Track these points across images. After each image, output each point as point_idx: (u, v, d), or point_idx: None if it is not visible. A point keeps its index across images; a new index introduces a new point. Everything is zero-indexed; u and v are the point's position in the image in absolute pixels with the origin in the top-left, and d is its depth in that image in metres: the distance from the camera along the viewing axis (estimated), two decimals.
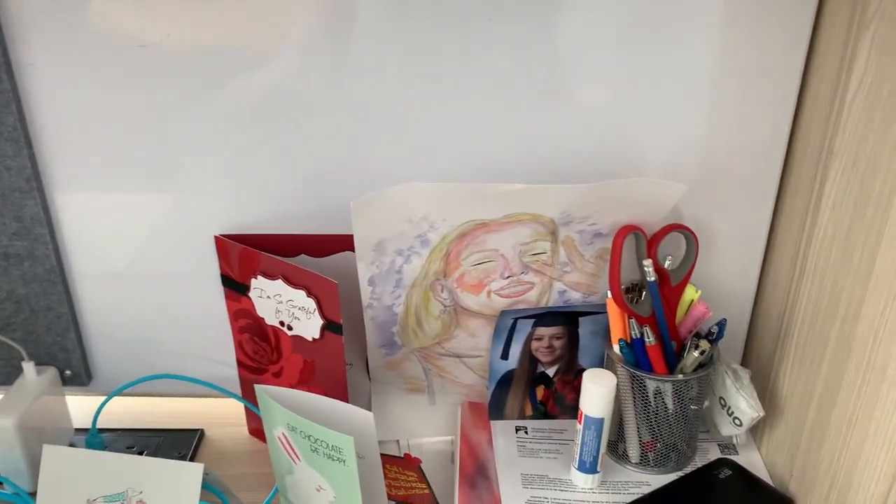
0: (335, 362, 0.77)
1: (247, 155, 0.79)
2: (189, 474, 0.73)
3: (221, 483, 0.80)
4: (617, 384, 0.75)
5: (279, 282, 0.77)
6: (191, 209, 0.82)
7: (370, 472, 0.74)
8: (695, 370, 0.77)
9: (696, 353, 0.75)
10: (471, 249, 0.76)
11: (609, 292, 0.77)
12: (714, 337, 0.75)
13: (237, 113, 0.77)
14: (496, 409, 0.88)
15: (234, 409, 0.95)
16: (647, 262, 0.74)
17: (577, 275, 0.80)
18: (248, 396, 0.89)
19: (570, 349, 0.85)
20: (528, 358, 0.86)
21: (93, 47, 0.75)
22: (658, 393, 0.78)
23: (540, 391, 0.88)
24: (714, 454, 0.83)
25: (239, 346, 0.86)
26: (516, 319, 0.82)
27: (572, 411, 0.88)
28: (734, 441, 0.83)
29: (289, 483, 0.78)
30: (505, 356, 0.86)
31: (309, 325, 0.77)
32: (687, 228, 0.77)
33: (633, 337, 0.76)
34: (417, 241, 0.74)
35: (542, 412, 0.88)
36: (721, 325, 0.75)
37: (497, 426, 0.87)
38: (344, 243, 0.80)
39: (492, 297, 0.81)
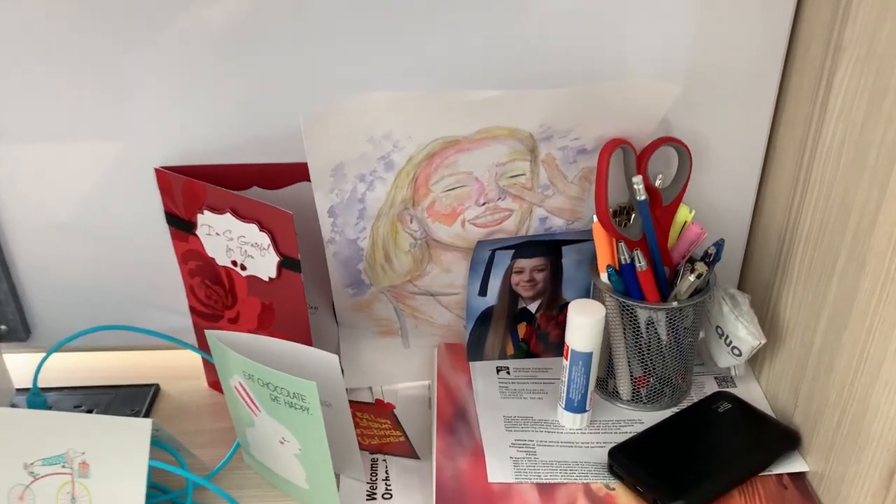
0: (296, 303, 0.70)
1: (190, 84, 0.70)
2: (136, 431, 0.66)
3: (175, 440, 0.73)
4: (605, 315, 0.69)
5: (227, 216, 0.69)
6: (131, 147, 0.74)
7: (338, 421, 0.68)
8: (690, 297, 0.70)
9: (691, 278, 0.68)
10: (441, 173, 0.68)
11: (595, 216, 0.70)
12: (711, 259, 0.69)
13: (176, 40, 0.68)
14: (475, 349, 0.81)
15: (191, 360, 0.87)
16: (637, 179, 0.67)
17: (559, 199, 0.73)
18: (204, 346, 0.81)
19: (554, 282, 0.79)
20: (508, 293, 0.79)
21: None
22: (650, 323, 0.71)
23: (522, 328, 0.81)
24: (711, 388, 0.78)
25: (190, 291, 0.78)
26: (494, 251, 0.75)
27: (557, 349, 0.82)
28: (732, 373, 0.78)
29: (250, 437, 0.71)
30: (483, 292, 0.79)
31: (264, 263, 0.69)
32: (679, 141, 0.70)
33: (623, 263, 0.69)
34: (381, 165, 0.66)
35: (525, 351, 0.82)
36: (719, 245, 0.69)
37: (476, 367, 0.81)
38: (299, 173, 0.72)
39: (466, 228, 0.74)
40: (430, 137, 0.65)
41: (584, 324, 0.68)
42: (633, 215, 0.71)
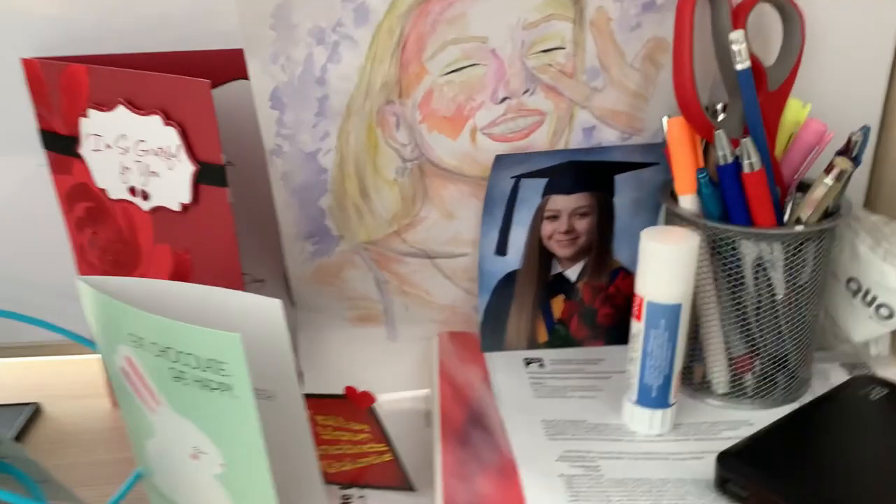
0: (221, 240, 0.46)
1: None
2: None
3: (38, 467, 0.47)
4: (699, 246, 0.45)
5: (120, 110, 0.46)
6: None
7: (286, 426, 0.43)
8: (819, 220, 0.47)
9: (828, 181, 0.45)
10: (442, 35, 0.46)
11: (665, 121, 0.47)
12: (855, 152, 0.45)
13: None
14: (492, 335, 0.57)
15: (87, 371, 0.62)
16: (738, 36, 0.44)
17: (612, 94, 0.50)
18: None
19: (602, 234, 0.55)
20: (538, 251, 0.55)
21: None
22: (760, 268, 0.47)
23: (557, 304, 0.57)
24: (838, 378, 0.53)
25: (80, 254, 0.54)
26: (518, 179, 0.52)
27: (609, 334, 0.58)
28: (872, 351, 0.53)
29: (152, 453, 0.46)
30: (502, 249, 0.55)
31: (173, 181, 0.46)
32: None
33: (721, 164, 0.46)
34: (349, 12, 0.44)
35: (563, 337, 0.57)
36: (865, 131, 0.46)
37: (495, 359, 0.56)
38: (234, 64, 0.49)
39: (478, 141, 0.51)
40: None
41: (670, 255, 0.44)
42: (722, 112, 0.48)
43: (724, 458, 0.43)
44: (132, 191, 0.48)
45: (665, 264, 0.44)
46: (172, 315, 0.39)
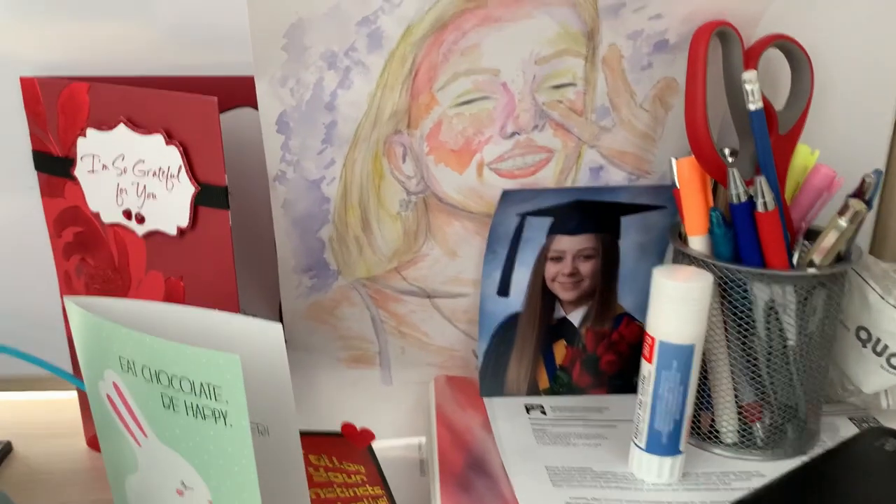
0: (219, 268, 0.44)
1: None
2: None
3: (4, 498, 0.44)
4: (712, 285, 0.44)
5: (120, 129, 0.44)
6: None
7: (280, 466, 0.40)
8: (831, 264, 0.46)
9: (842, 222, 0.44)
10: (454, 66, 0.45)
11: (674, 162, 0.47)
12: (869, 195, 0.45)
13: None
14: (492, 380, 0.55)
15: (63, 409, 0.59)
16: (751, 76, 0.44)
17: (621, 134, 0.50)
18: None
19: (606, 278, 0.54)
20: (541, 293, 0.54)
21: None
22: (771, 312, 0.46)
23: (560, 349, 0.55)
24: (847, 431, 0.52)
25: (65, 281, 0.52)
26: (524, 217, 0.51)
27: (612, 382, 0.56)
28: (884, 404, 0.52)
29: (134, 491, 0.43)
30: (504, 289, 0.53)
31: (172, 203, 0.44)
32: (796, 42, 0.48)
33: (735, 203, 0.45)
34: (363, 37, 0.43)
35: (565, 383, 0.56)
36: (878, 174, 0.45)
37: (495, 405, 0.54)
38: (240, 91, 0.48)
39: (485, 177, 0.50)
40: None
41: (684, 293, 0.43)
42: (732, 153, 0.48)
43: None
44: (127, 214, 0.46)
45: (678, 303, 0.43)
46: (166, 339, 0.37)
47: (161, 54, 0.49)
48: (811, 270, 0.45)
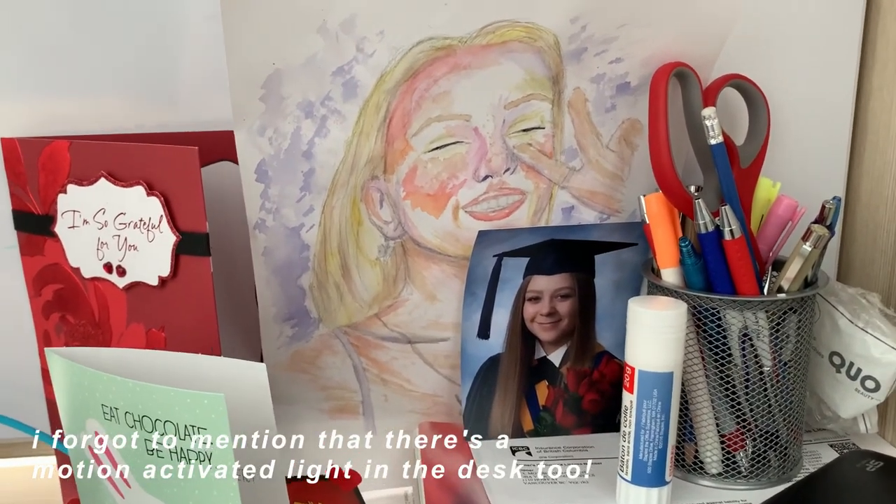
0: (201, 315, 0.44)
1: (35, 21, 0.50)
2: None
3: None
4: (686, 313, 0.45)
5: (101, 184, 0.45)
6: None
7: None
8: (800, 289, 0.47)
9: (807, 246, 0.46)
10: (427, 112, 0.47)
11: (642, 198, 0.48)
12: (830, 220, 0.47)
13: None
14: (476, 422, 0.55)
15: (40, 475, 0.58)
16: (710, 112, 0.46)
17: (590, 175, 0.52)
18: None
19: (584, 315, 0.55)
20: (521, 334, 0.54)
21: None
22: (746, 339, 0.47)
23: (542, 390, 0.56)
24: (828, 457, 0.52)
25: (45, 340, 0.52)
26: (501, 258, 0.52)
27: (596, 421, 0.56)
28: (862, 428, 0.52)
29: None
30: (484, 332, 0.54)
31: (153, 254, 0.44)
32: (751, 82, 0.50)
33: (703, 232, 0.46)
34: (338, 86, 0.44)
35: (549, 424, 0.56)
36: (837, 202, 0.47)
37: (480, 448, 0.54)
38: (220, 145, 0.50)
39: (460, 220, 0.51)
40: (413, 37, 0.44)
41: (660, 322, 0.44)
42: (697, 189, 0.50)
43: None
44: (108, 267, 0.46)
45: (655, 331, 0.44)
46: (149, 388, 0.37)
47: (142, 112, 0.50)
48: (781, 295, 0.47)
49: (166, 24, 0.49)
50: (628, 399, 0.45)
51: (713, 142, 0.47)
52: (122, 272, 0.46)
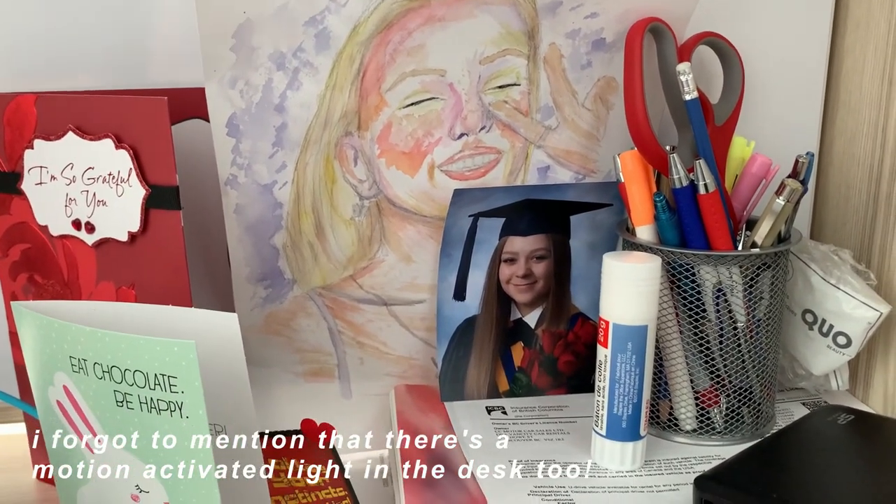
0: (172, 270, 0.44)
1: None
2: None
3: None
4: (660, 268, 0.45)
5: (69, 138, 0.44)
6: None
7: (237, 463, 0.39)
8: (774, 244, 0.48)
9: (780, 200, 0.46)
10: (401, 66, 0.46)
11: (618, 157, 0.48)
12: (804, 175, 0.47)
13: None
14: (452, 384, 0.55)
15: (9, 444, 0.57)
16: (684, 67, 0.46)
17: (566, 134, 0.51)
18: (30, 398, 0.52)
19: (559, 277, 0.55)
20: (497, 296, 0.54)
21: None
22: (720, 294, 0.48)
23: (518, 351, 0.56)
24: (801, 414, 0.53)
25: (12, 300, 0.51)
26: (477, 218, 0.52)
27: (571, 382, 0.56)
28: (834, 384, 0.53)
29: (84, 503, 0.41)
30: (460, 293, 0.54)
31: (122, 208, 0.44)
32: (725, 40, 0.51)
33: (677, 187, 0.46)
34: (310, 37, 0.44)
35: (524, 385, 0.56)
36: (810, 156, 0.47)
37: (455, 408, 0.54)
38: (191, 103, 0.49)
39: (436, 179, 0.51)
40: None
41: (634, 275, 0.44)
42: (672, 149, 0.50)
43: (703, 482, 0.42)
44: (76, 224, 0.46)
45: (629, 285, 0.44)
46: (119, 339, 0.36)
47: (112, 70, 0.50)
48: (755, 250, 0.47)
49: None
50: (603, 353, 0.45)
51: (688, 97, 0.47)
52: (91, 228, 0.45)
